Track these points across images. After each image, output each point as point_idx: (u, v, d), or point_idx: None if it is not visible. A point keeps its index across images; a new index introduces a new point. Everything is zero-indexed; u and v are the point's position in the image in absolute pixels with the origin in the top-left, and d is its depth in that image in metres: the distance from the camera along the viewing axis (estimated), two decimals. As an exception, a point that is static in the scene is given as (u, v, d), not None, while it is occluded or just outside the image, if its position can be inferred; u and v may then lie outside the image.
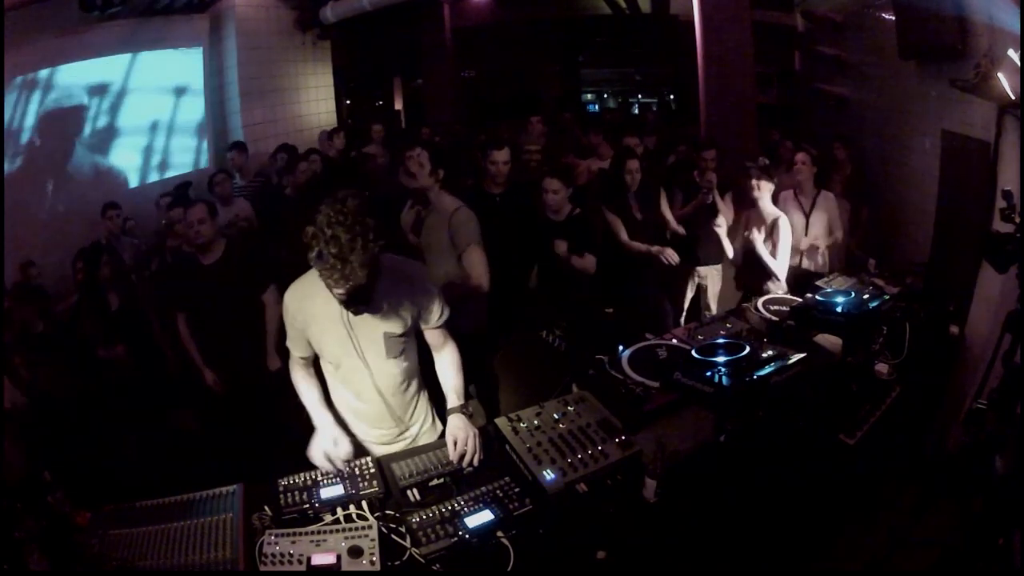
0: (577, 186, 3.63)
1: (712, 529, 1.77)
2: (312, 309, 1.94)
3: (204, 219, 2.99)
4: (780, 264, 3.63)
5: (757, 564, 1.83)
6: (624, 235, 3.75)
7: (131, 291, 3.75)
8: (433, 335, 2.12)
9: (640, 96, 10.33)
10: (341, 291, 1.71)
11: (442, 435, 2.19)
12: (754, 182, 3.67)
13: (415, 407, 2.18)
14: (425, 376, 2.22)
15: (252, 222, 4.42)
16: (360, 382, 2.04)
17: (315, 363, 2.11)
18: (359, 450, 2.11)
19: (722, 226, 3.91)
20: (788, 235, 3.62)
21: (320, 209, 1.68)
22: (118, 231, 4.29)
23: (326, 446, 1.94)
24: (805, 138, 4.81)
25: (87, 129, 4.97)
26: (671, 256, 3.66)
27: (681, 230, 3.98)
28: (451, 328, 2.15)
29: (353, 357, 1.98)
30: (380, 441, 2.16)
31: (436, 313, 2.05)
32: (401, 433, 2.17)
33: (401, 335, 1.99)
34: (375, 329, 1.95)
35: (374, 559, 1.58)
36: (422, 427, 2.21)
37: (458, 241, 2.89)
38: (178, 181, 5.31)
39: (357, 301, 1.77)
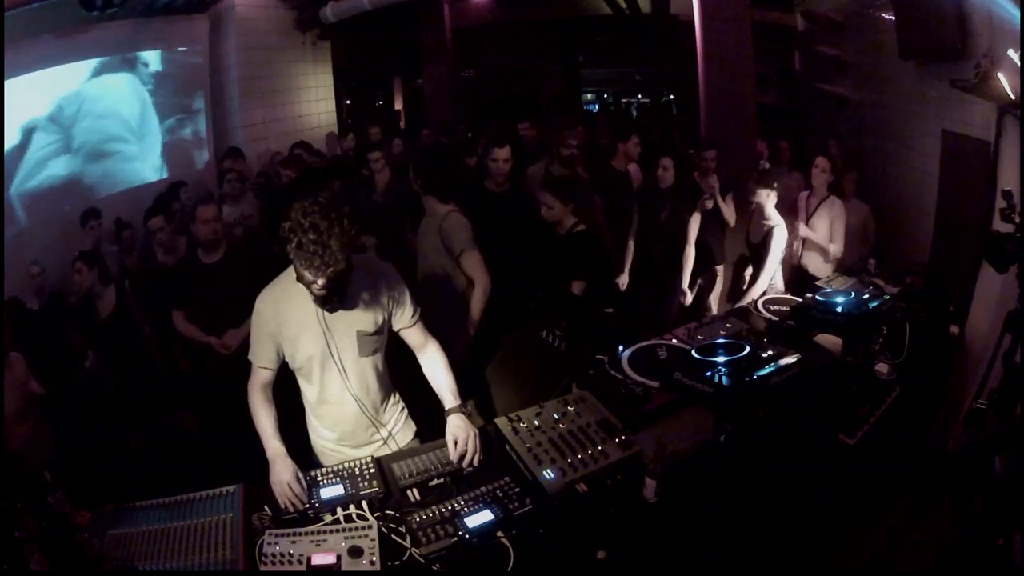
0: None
1: (712, 529, 1.77)
2: (288, 311, 1.94)
3: (215, 218, 3.00)
4: (768, 270, 3.57)
5: (757, 564, 1.82)
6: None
7: (121, 297, 3.72)
8: (412, 334, 2.11)
9: (640, 96, 10.35)
10: (322, 279, 1.72)
11: (428, 435, 2.19)
12: (754, 189, 3.61)
13: (387, 407, 2.18)
14: (400, 378, 2.22)
15: (256, 218, 4.42)
16: (333, 383, 2.04)
17: (273, 385, 2.06)
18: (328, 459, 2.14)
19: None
20: (781, 246, 3.54)
21: (293, 207, 1.72)
22: (99, 240, 4.22)
23: (288, 477, 1.82)
24: (813, 140, 4.80)
25: (86, 129, 4.97)
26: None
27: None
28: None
29: (327, 358, 1.98)
30: (354, 444, 2.14)
31: (409, 309, 2.06)
32: (374, 434, 2.15)
33: (374, 333, 2.01)
34: (349, 327, 1.97)
35: (374, 559, 1.58)
36: (395, 427, 2.20)
37: (451, 246, 2.87)
38: (176, 182, 5.30)
39: (335, 292, 1.79)
